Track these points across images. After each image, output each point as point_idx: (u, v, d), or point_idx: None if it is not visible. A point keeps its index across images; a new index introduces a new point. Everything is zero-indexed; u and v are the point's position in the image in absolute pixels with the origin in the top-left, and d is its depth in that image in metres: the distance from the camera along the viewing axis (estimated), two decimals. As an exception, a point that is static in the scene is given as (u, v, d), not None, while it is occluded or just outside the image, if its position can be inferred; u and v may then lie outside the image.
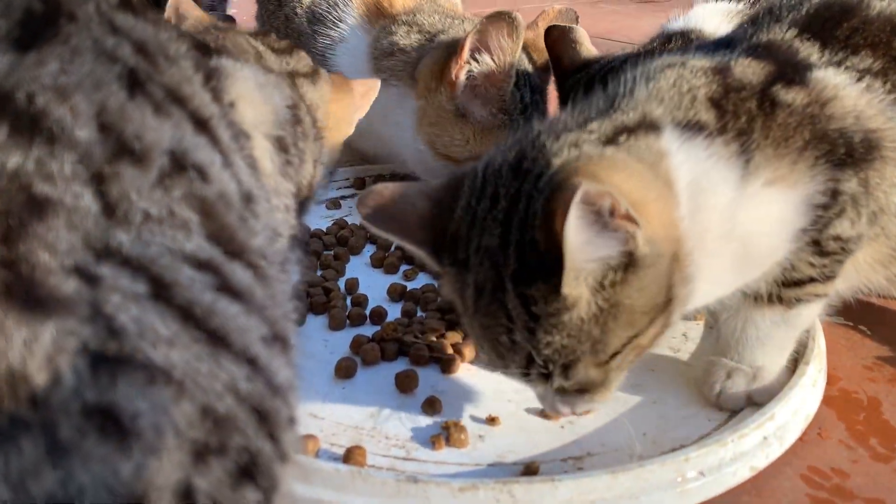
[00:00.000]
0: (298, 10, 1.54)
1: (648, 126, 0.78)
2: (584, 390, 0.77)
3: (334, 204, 1.49)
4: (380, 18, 1.48)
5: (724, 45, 0.91)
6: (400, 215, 0.82)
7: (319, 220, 1.42)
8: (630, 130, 0.78)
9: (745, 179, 0.79)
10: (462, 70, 1.28)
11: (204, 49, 0.73)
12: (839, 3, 0.89)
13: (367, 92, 1.07)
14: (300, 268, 0.81)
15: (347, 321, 1.10)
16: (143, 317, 0.44)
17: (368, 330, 1.07)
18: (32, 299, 0.41)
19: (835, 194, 0.82)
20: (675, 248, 0.74)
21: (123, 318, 0.43)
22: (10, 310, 0.40)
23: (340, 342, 1.05)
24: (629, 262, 0.71)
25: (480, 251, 0.76)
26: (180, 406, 0.44)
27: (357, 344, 1.03)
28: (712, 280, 0.82)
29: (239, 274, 0.53)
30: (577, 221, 0.66)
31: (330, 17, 1.51)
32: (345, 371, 0.99)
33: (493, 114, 1.33)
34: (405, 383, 0.95)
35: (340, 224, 1.39)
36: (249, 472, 0.47)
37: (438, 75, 1.31)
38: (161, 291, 0.46)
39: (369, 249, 1.31)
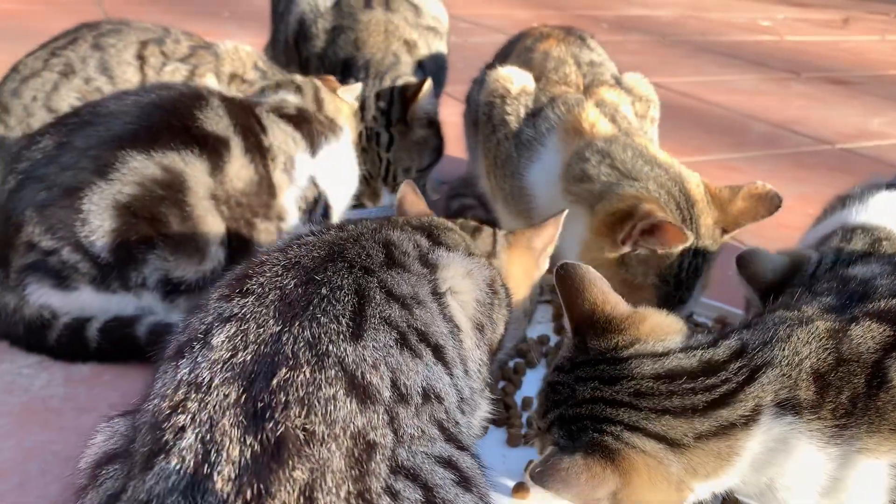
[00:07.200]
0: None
1: (749, 419, 0.87)
2: None
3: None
4: (577, 139, 1.48)
5: (859, 295, 0.95)
6: (580, 294, 0.95)
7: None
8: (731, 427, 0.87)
9: (835, 449, 0.85)
10: (630, 241, 1.32)
11: (430, 239, 0.92)
12: None
13: (547, 243, 1.19)
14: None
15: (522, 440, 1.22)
16: None
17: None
18: None
19: None
20: None
21: None
22: None
23: (518, 460, 1.17)
24: None
25: None
26: None
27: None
28: None
29: (467, 461, 0.71)
30: None
31: None
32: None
33: (648, 274, 1.36)
34: None
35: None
36: None
37: (610, 228, 1.34)
38: (429, 496, 0.64)
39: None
